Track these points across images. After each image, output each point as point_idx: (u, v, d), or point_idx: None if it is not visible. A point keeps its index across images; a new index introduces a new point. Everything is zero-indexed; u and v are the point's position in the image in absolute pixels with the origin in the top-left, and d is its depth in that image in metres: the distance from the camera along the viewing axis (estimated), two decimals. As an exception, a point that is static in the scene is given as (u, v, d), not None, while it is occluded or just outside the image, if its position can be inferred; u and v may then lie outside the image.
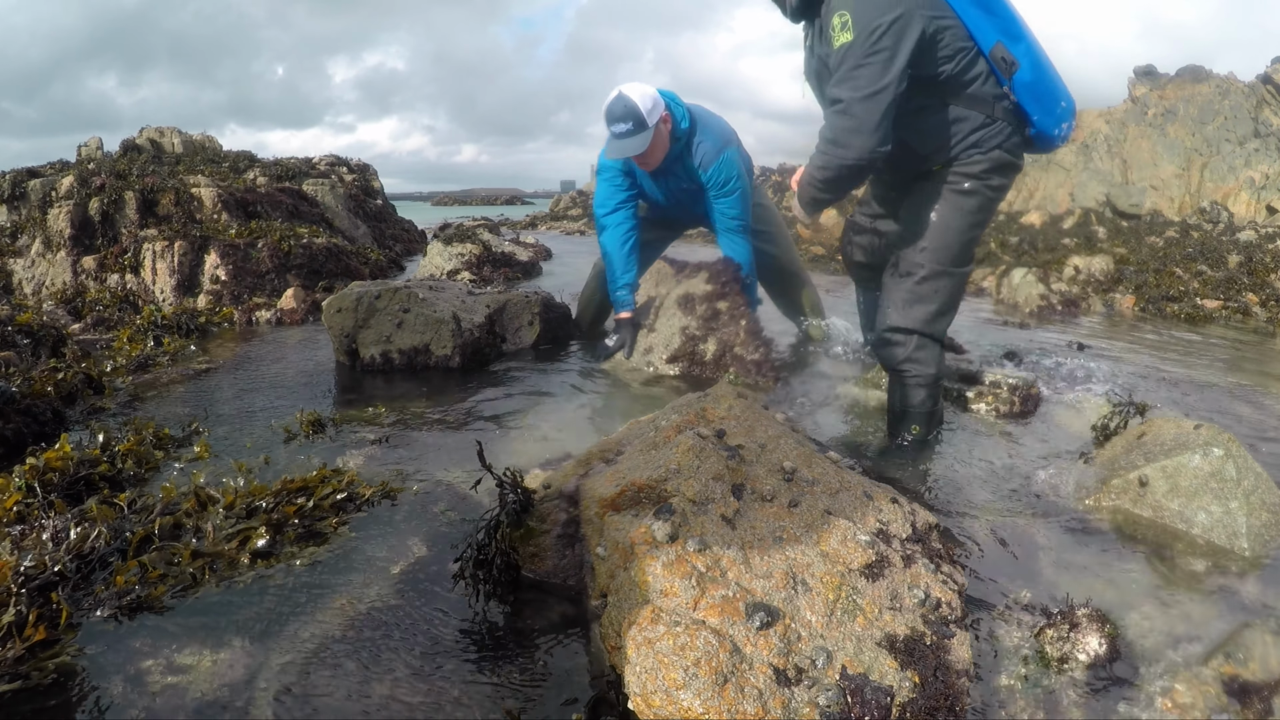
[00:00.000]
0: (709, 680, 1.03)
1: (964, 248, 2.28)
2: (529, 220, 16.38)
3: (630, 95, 2.84)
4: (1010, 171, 2.29)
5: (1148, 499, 1.88)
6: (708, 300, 3.23)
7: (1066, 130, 2.32)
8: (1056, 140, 2.32)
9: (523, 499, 1.55)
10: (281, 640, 1.29)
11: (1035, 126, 2.26)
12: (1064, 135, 2.33)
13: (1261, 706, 1.22)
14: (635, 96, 2.84)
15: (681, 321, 3.18)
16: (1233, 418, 2.88)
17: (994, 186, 2.26)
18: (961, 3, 2.09)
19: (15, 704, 1.12)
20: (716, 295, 3.22)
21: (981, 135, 2.19)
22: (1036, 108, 2.22)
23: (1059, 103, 2.24)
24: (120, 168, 6.46)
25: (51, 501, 1.66)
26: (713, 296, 3.23)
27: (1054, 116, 2.24)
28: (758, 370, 2.95)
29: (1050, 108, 2.23)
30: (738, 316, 3.14)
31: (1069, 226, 10.63)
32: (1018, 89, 2.18)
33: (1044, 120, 2.24)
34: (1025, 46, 2.16)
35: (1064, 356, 3.87)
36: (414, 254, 8.16)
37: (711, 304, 3.22)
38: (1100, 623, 1.37)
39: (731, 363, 3.01)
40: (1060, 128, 2.28)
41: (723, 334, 3.10)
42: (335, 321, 3.16)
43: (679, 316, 3.21)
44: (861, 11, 1.97)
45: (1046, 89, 2.21)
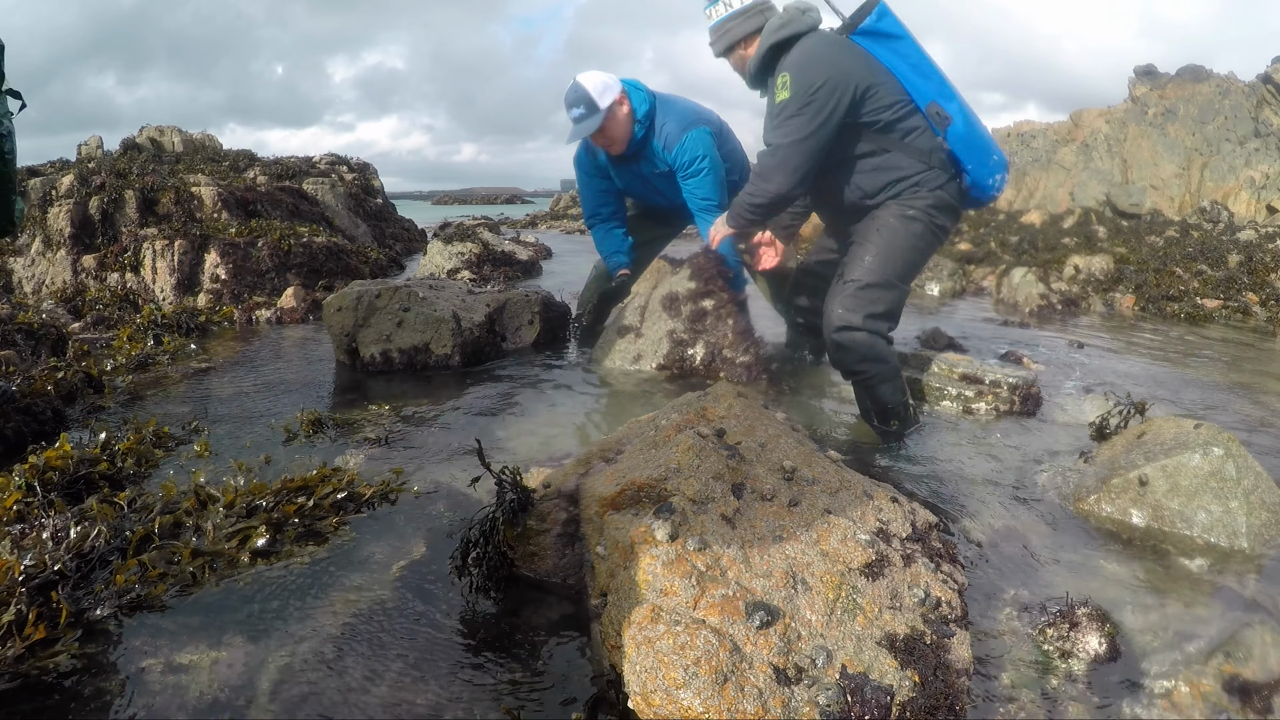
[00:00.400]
0: (709, 679, 1.03)
1: (906, 265, 2.44)
2: (529, 219, 16.38)
3: (582, 81, 2.93)
4: (951, 214, 2.49)
5: (1148, 498, 1.88)
6: (692, 299, 3.10)
7: (1000, 182, 2.54)
8: (990, 190, 2.53)
9: (522, 497, 1.55)
10: (281, 639, 1.29)
11: (970, 176, 2.47)
12: (998, 187, 2.55)
13: (1261, 706, 1.22)
14: (586, 82, 2.92)
15: (668, 325, 3.09)
16: (1233, 417, 2.88)
17: (938, 223, 2.45)
18: (897, 66, 2.39)
19: (15, 703, 1.12)
20: (700, 293, 3.09)
21: (922, 178, 2.41)
22: (971, 159, 2.45)
23: (990, 155, 2.47)
24: (120, 166, 6.46)
25: (51, 500, 1.66)
26: (697, 295, 3.10)
27: (987, 168, 2.47)
28: (748, 373, 2.90)
29: (983, 160, 2.46)
30: (724, 316, 3.04)
31: (1069, 226, 10.63)
32: (952, 140, 2.42)
33: (978, 171, 2.47)
34: (957, 105, 2.41)
35: (1064, 356, 3.87)
36: (414, 253, 8.16)
37: (696, 303, 3.09)
38: (1100, 622, 1.37)
39: (721, 366, 2.94)
40: (994, 179, 2.50)
41: (710, 336, 3.01)
42: (335, 320, 3.16)
43: (665, 319, 3.11)
44: (799, 75, 2.30)
45: (979, 143, 2.44)
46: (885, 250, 2.40)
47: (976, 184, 2.51)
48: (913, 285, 4.78)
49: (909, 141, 2.41)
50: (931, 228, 2.45)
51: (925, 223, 2.43)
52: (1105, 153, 15.00)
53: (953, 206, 2.48)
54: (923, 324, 4.49)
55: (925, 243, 2.46)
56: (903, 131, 2.40)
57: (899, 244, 2.41)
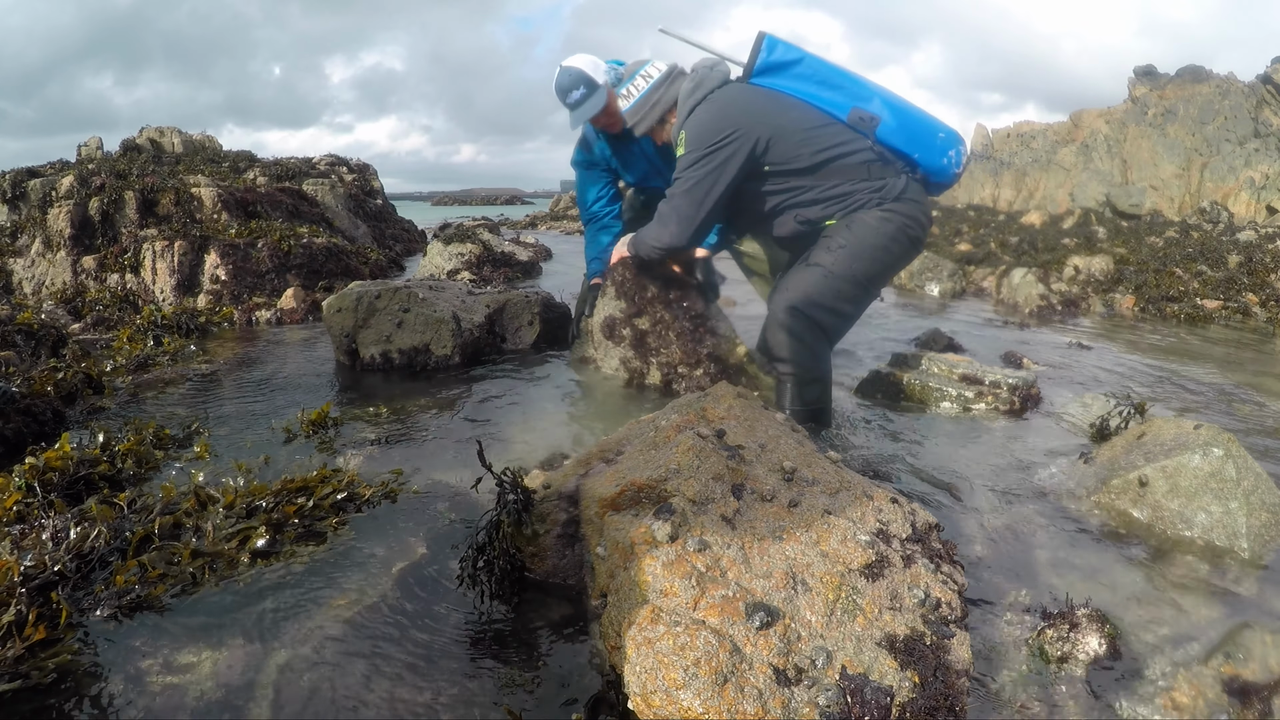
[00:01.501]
0: (709, 680, 1.03)
1: (873, 262, 2.35)
2: (529, 220, 16.38)
3: (573, 64, 2.86)
4: (915, 210, 2.39)
5: (1148, 499, 1.88)
6: (627, 323, 2.88)
7: (956, 158, 2.43)
8: (948, 170, 2.42)
9: (523, 499, 1.54)
10: (281, 640, 1.29)
11: (921, 164, 2.40)
12: (956, 163, 2.43)
13: (1261, 706, 1.22)
14: (577, 63, 2.86)
15: (617, 352, 2.94)
16: (1233, 418, 2.88)
17: (909, 232, 2.37)
18: (804, 89, 2.38)
19: (15, 704, 1.12)
20: (632, 314, 2.87)
21: (867, 196, 2.35)
22: (914, 147, 2.38)
23: (936, 134, 2.38)
24: (120, 167, 6.46)
25: (51, 501, 1.66)
26: (630, 317, 2.88)
27: (935, 149, 2.38)
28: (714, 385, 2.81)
29: (928, 142, 2.38)
30: (666, 333, 2.80)
31: (1069, 226, 10.63)
32: (886, 137, 2.36)
33: (926, 156, 2.38)
34: (879, 101, 2.37)
35: (1064, 356, 3.87)
36: (414, 254, 8.16)
37: (632, 326, 2.87)
38: (1100, 622, 1.37)
39: (680, 383, 2.78)
40: (947, 156, 2.40)
41: (660, 357, 2.82)
42: (335, 321, 3.16)
43: (612, 347, 2.96)
44: (695, 130, 2.34)
45: (917, 128, 2.37)
46: (858, 240, 2.33)
47: (930, 169, 2.43)
48: (913, 286, 4.76)
49: (842, 163, 2.35)
50: (902, 227, 2.36)
51: (896, 223, 2.35)
52: (1105, 153, 15.01)
53: (919, 212, 2.40)
54: (923, 324, 4.49)
55: (895, 243, 2.37)
56: (832, 156, 2.35)
57: (870, 238, 2.34)
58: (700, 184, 2.32)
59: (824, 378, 2.39)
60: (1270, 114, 14.22)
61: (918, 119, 2.39)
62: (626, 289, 2.88)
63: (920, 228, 2.43)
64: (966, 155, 2.48)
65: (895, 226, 2.36)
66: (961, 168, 2.47)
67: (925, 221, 2.46)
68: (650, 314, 2.86)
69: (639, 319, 2.87)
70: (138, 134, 8.75)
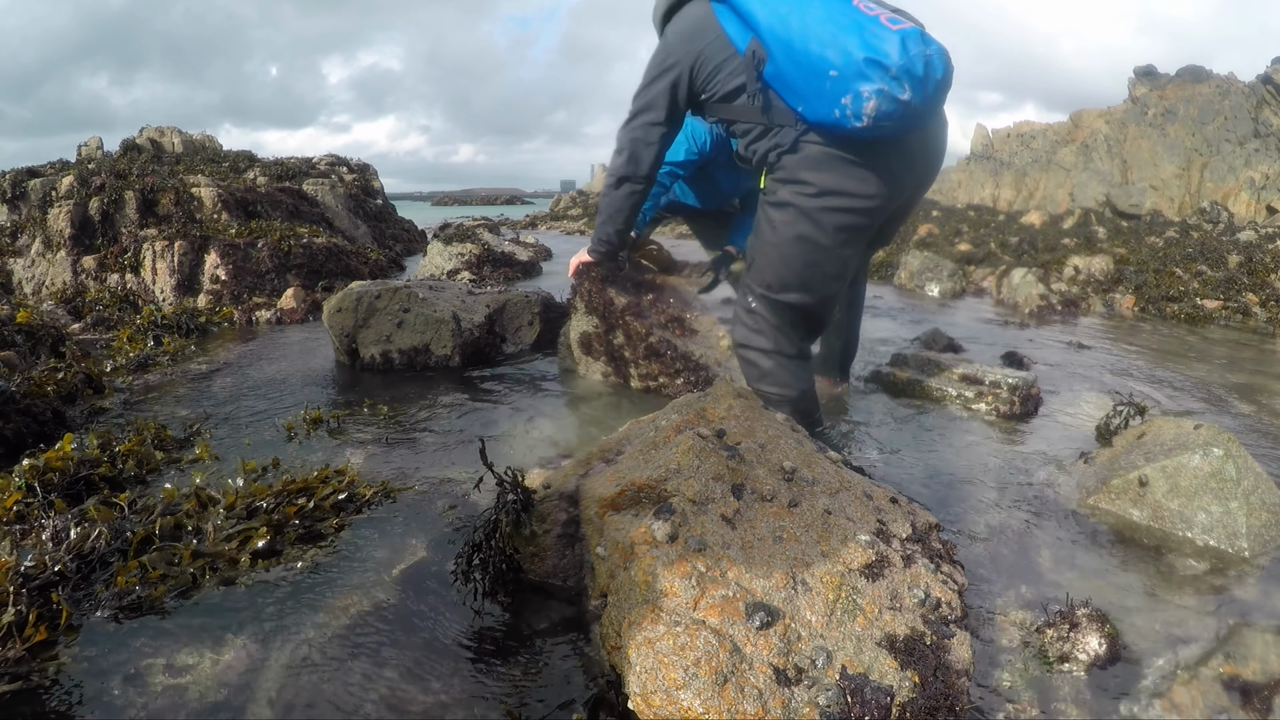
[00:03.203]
0: (709, 680, 1.03)
1: (784, 267, 2.00)
2: (529, 220, 16.39)
3: None
4: (835, 167, 1.87)
5: (1148, 499, 1.88)
6: (601, 339, 2.82)
7: (853, 104, 1.72)
8: (848, 122, 1.76)
9: (523, 499, 1.55)
10: (282, 640, 1.29)
11: (808, 119, 1.84)
12: (855, 111, 1.73)
13: (1261, 706, 1.22)
14: None
15: (597, 366, 2.91)
16: (1233, 418, 2.88)
17: (812, 193, 1.91)
18: (722, 14, 1.97)
19: (15, 704, 1.12)
20: (606, 330, 2.80)
21: (769, 143, 1.96)
22: (794, 95, 1.83)
23: (827, 73, 1.73)
24: (120, 167, 6.46)
25: (51, 501, 1.66)
26: (604, 333, 2.81)
27: (824, 96, 1.76)
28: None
29: (816, 86, 1.76)
30: (638, 346, 2.72)
31: (1069, 226, 10.63)
32: (773, 82, 1.87)
33: (812, 106, 1.80)
34: (765, 30, 1.83)
35: (1064, 356, 3.87)
36: (414, 254, 8.16)
37: (608, 342, 2.78)
38: (1100, 623, 1.37)
39: (662, 391, 2.72)
40: (839, 106, 1.74)
41: (640, 369, 2.77)
42: (335, 321, 3.16)
43: (591, 363, 2.93)
44: (653, 56, 2.16)
45: (804, 66, 1.78)
46: (757, 252, 2.07)
47: (822, 124, 1.82)
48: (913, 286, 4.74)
49: (739, 104, 1.97)
50: (807, 207, 1.92)
51: (798, 206, 1.92)
52: (1105, 153, 15.01)
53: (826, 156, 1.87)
54: (922, 325, 4.50)
55: (808, 230, 1.94)
56: (732, 96, 1.98)
57: (769, 239, 2.02)
58: (633, 110, 2.18)
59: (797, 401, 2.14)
60: (1270, 114, 14.22)
61: (808, 54, 1.76)
62: (595, 305, 2.83)
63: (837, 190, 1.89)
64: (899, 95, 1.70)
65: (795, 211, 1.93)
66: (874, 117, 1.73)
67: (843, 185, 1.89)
68: (622, 328, 2.78)
69: (612, 335, 2.82)
70: (138, 134, 8.74)
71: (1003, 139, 21.61)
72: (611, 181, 2.33)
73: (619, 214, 2.40)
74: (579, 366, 3.00)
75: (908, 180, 1.99)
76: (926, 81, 1.71)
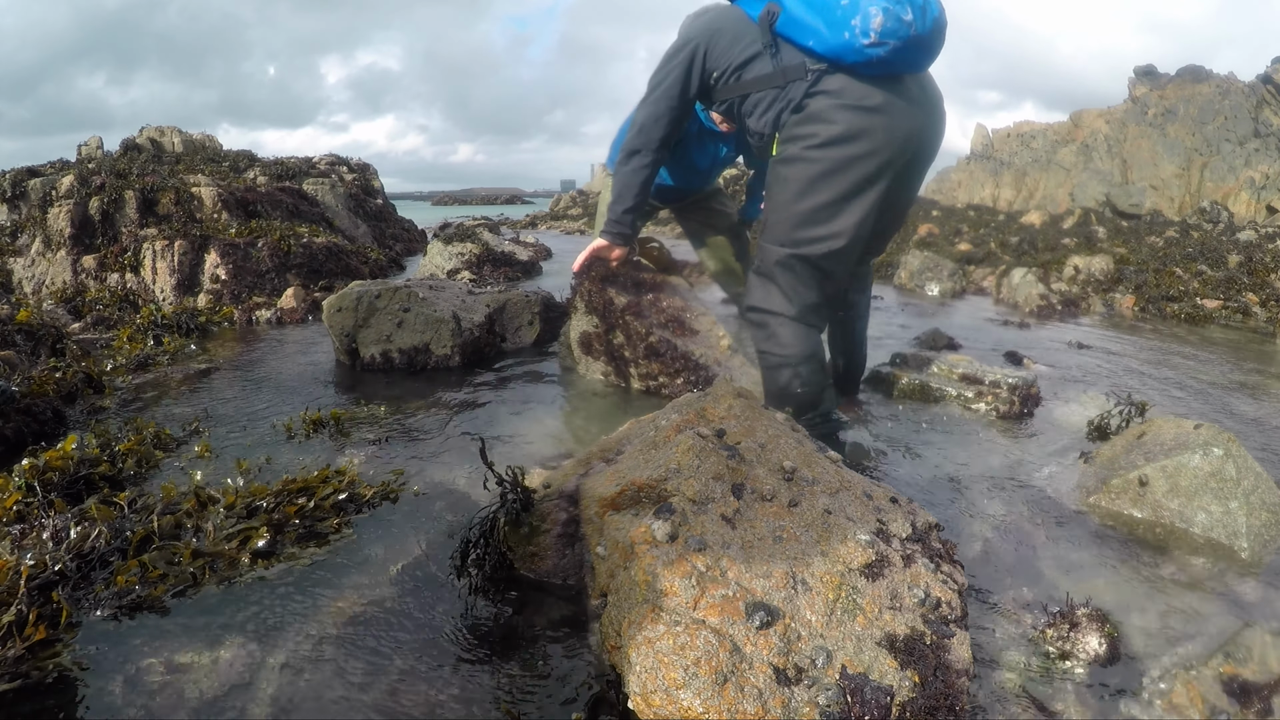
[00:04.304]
0: (709, 680, 1.03)
1: (801, 222, 2.05)
2: (529, 220, 16.38)
3: None
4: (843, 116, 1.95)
5: (1147, 499, 1.88)
6: (601, 339, 2.82)
7: (863, 23, 1.84)
8: (856, 41, 1.86)
9: (522, 498, 1.55)
10: (282, 640, 1.29)
11: (819, 51, 1.93)
12: (864, 28, 1.85)
13: (1261, 706, 1.22)
14: None
15: (597, 366, 2.90)
16: (1233, 417, 2.88)
17: (817, 143, 1.98)
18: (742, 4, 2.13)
19: (15, 704, 1.12)
20: (606, 330, 2.80)
21: (781, 104, 2.04)
22: (807, 32, 1.94)
23: (837, 5, 1.87)
24: (120, 167, 6.46)
25: (51, 501, 1.66)
26: (604, 333, 2.81)
27: (835, 24, 1.87)
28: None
29: (827, 16, 1.89)
30: (638, 346, 2.72)
31: (1069, 226, 10.63)
32: (784, 28, 1.99)
33: (822, 38, 1.91)
34: None
35: (1064, 356, 3.87)
36: (414, 253, 8.16)
37: (608, 342, 2.78)
38: (1100, 622, 1.37)
39: (662, 390, 2.72)
40: (849, 28, 1.85)
41: (640, 369, 2.76)
42: (335, 321, 3.16)
43: (591, 362, 2.92)
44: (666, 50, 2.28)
45: (816, 2, 1.92)
46: (769, 212, 2.13)
47: (832, 51, 1.91)
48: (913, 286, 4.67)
49: (756, 75, 2.07)
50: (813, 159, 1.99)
51: (806, 160, 2.00)
52: (1105, 153, 15.00)
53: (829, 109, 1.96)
54: (923, 324, 4.50)
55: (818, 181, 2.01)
56: (750, 65, 2.09)
57: (778, 198, 2.08)
58: (647, 90, 2.26)
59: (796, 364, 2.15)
60: (1270, 114, 14.21)
61: None
62: (595, 304, 2.83)
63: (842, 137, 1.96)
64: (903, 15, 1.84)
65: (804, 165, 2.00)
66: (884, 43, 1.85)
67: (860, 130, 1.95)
68: (622, 328, 2.79)
69: (612, 334, 2.83)
70: (138, 133, 8.74)
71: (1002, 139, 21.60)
72: (621, 157, 2.38)
73: (628, 190, 2.42)
74: (579, 366, 3.00)
75: (910, 134, 2.03)
76: (925, 11, 1.89)
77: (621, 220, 2.51)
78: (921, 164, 2.21)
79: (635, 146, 2.34)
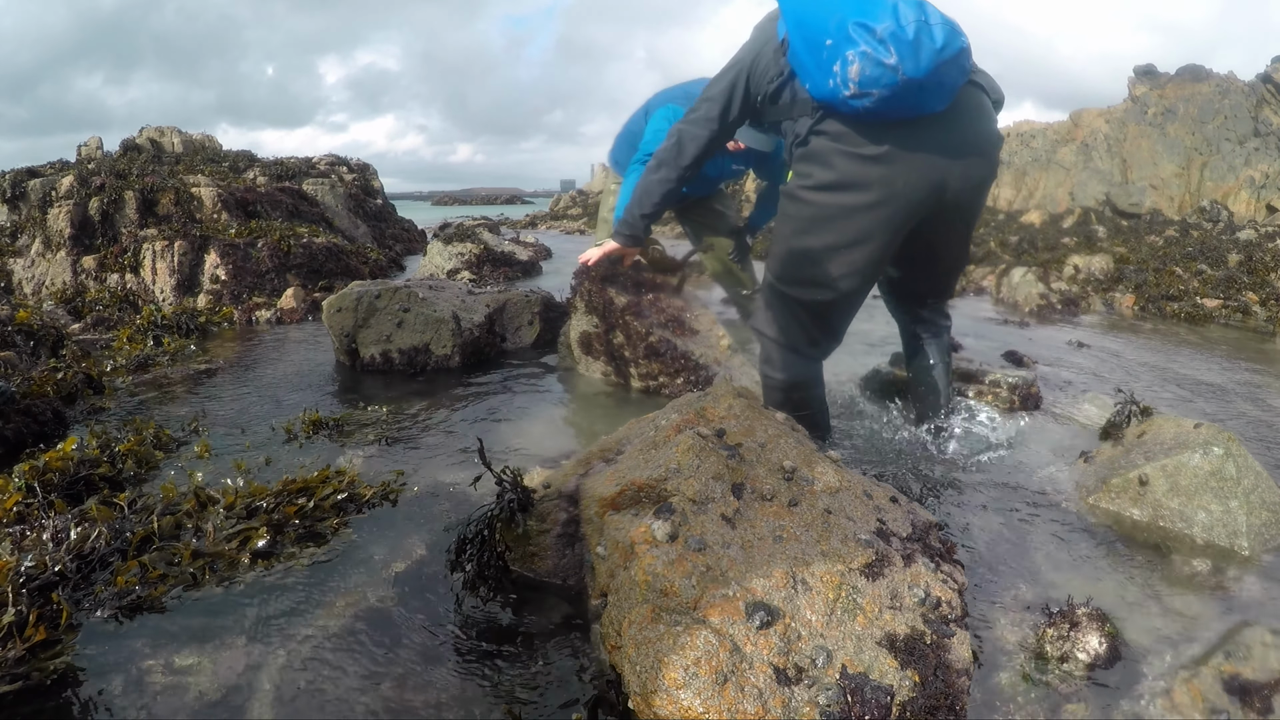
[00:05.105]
0: (709, 680, 1.03)
1: (791, 261, 1.97)
2: (529, 220, 16.39)
3: None
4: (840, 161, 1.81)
5: (1148, 498, 1.88)
6: (601, 339, 2.82)
7: (842, 70, 1.64)
8: (838, 91, 1.68)
9: (522, 498, 1.55)
10: (282, 640, 1.29)
11: (812, 95, 1.79)
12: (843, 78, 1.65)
13: (1261, 706, 1.22)
14: None
15: (597, 366, 2.94)
16: (1233, 417, 2.88)
17: (810, 185, 1.89)
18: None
19: (15, 704, 1.12)
20: (607, 330, 2.82)
21: (793, 133, 1.97)
22: (803, 72, 1.78)
23: (824, 43, 1.67)
24: (120, 167, 6.46)
25: (51, 501, 1.66)
26: (605, 333, 2.83)
27: (821, 67, 1.70)
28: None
29: (816, 57, 1.70)
30: (638, 346, 2.72)
31: (1069, 225, 10.63)
32: (791, 60, 1.84)
33: (814, 80, 1.74)
34: (784, 8, 1.81)
35: (1064, 355, 3.87)
36: (414, 253, 8.15)
37: (608, 342, 2.80)
38: (1100, 622, 1.37)
39: (662, 390, 2.73)
40: (832, 75, 1.67)
41: (641, 369, 2.77)
42: (335, 321, 3.16)
43: (591, 363, 2.95)
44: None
45: (809, 39, 1.71)
46: (772, 243, 2.08)
47: (821, 96, 1.75)
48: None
49: (783, 99, 1.99)
50: (815, 201, 1.89)
51: (806, 200, 1.91)
52: (1105, 152, 14.99)
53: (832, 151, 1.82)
54: (923, 324, 4.49)
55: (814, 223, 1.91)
56: (773, 91, 1.99)
57: (780, 232, 2.04)
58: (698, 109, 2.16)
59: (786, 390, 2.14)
60: (1270, 113, 14.21)
61: (812, 21, 1.70)
62: (595, 304, 2.84)
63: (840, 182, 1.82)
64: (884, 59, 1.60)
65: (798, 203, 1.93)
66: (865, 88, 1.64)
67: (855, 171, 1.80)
68: (622, 328, 2.79)
69: (612, 334, 2.83)
70: (138, 134, 8.74)
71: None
72: (652, 164, 2.30)
73: (648, 197, 2.35)
74: (579, 366, 3.00)
75: (934, 184, 1.83)
76: (918, 48, 1.61)
77: (636, 225, 2.48)
78: (963, 210, 2.00)
79: (665, 159, 2.26)
